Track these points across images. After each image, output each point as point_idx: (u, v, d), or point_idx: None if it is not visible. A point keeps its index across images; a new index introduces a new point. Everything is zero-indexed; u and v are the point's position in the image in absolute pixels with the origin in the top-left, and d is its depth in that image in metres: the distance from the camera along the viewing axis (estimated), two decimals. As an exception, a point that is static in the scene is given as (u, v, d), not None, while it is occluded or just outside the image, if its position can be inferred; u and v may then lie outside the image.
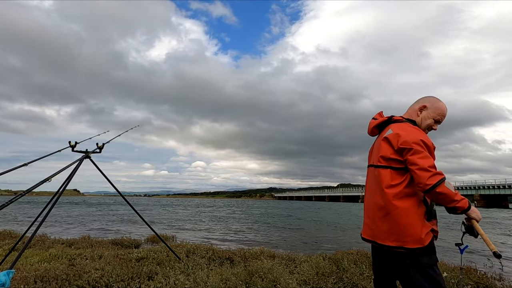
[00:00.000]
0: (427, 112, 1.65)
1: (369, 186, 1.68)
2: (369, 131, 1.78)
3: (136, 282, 2.99)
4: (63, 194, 2.97)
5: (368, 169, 1.73)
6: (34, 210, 19.47)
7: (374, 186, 1.60)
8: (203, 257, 4.23)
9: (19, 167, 2.41)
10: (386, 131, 1.61)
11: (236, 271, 3.36)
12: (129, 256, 4.03)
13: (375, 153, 1.65)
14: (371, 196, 1.62)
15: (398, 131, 1.53)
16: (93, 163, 3.28)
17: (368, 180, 1.70)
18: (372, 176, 1.63)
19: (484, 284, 3.26)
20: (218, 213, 21.76)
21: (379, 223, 1.53)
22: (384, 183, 1.51)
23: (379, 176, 1.55)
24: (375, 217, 1.56)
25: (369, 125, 1.76)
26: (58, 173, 2.61)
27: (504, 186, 53.35)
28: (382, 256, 1.65)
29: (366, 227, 1.66)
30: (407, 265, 1.45)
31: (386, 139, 1.55)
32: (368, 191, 1.69)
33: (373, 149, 1.72)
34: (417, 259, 1.44)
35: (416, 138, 1.46)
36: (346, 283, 3.18)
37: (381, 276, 1.70)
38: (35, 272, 3.08)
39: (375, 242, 1.57)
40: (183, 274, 3.29)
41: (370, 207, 1.61)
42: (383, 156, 1.54)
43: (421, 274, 1.43)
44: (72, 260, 4.01)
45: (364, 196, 1.79)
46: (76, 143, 3.18)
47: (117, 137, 3.85)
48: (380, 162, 1.56)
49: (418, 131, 1.53)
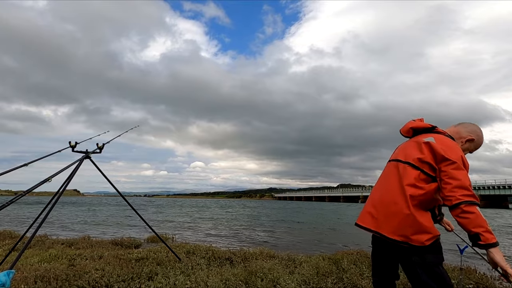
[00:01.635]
0: (470, 145, 1.70)
1: (385, 179, 1.67)
2: (404, 130, 1.78)
3: (136, 282, 2.99)
4: (63, 195, 2.97)
5: (389, 163, 1.72)
6: (34, 210, 19.47)
7: (394, 180, 1.59)
8: (203, 257, 4.23)
9: (19, 167, 2.41)
10: (425, 136, 1.62)
11: (236, 271, 3.37)
12: (129, 256, 4.03)
13: (407, 151, 1.64)
14: (384, 189, 1.62)
15: (442, 142, 1.54)
16: (93, 163, 3.28)
17: (387, 173, 1.69)
18: (394, 171, 1.62)
19: (484, 284, 3.27)
20: (218, 213, 21.76)
21: (388, 216, 1.52)
22: (407, 180, 1.51)
23: (404, 173, 1.55)
24: (385, 209, 1.55)
25: (407, 125, 1.77)
26: (58, 173, 2.62)
27: (504, 186, 53.38)
28: (383, 246, 1.66)
29: (368, 216, 1.64)
30: (413, 263, 1.46)
31: (428, 144, 1.54)
32: (382, 184, 1.68)
33: (404, 147, 1.71)
34: (423, 257, 1.45)
35: (459, 155, 1.48)
36: (346, 283, 3.18)
37: (380, 266, 1.71)
38: (35, 272, 3.08)
39: (378, 233, 1.55)
40: (183, 274, 3.29)
41: (381, 199, 1.60)
42: (419, 158, 1.53)
43: (427, 272, 1.44)
44: (72, 260, 4.01)
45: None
46: (76, 143, 3.18)
47: (117, 137, 3.85)
48: (412, 161, 1.56)
49: (460, 149, 1.55)
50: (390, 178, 1.63)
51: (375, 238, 1.72)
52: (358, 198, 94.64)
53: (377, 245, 1.71)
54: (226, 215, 20.37)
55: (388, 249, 1.63)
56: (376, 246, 1.72)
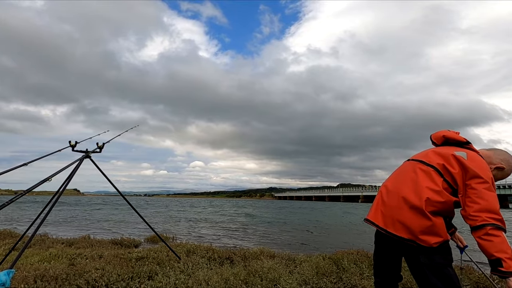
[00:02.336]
0: (497, 173, 1.63)
1: (400, 177, 1.63)
2: (436, 137, 1.73)
3: (136, 282, 2.99)
4: (63, 194, 2.97)
5: (408, 162, 1.69)
6: (34, 209, 19.48)
7: (411, 179, 1.54)
8: (203, 256, 4.23)
9: (19, 167, 2.41)
10: (456, 149, 1.56)
11: (236, 271, 3.37)
12: (129, 256, 4.03)
13: (433, 156, 1.59)
14: (399, 187, 1.56)
15: (475, 159, 1.49)
16: (93, 162, 3.28)
17: (404, 171, 1.65)
18: (414, 170, 1.58)
19: (484, 284, 3.27)
20: (218, 213, 21.76)
21: (399, 213, 1.47)
22: (428, 183, 1.47)
23: (426, 175, 1.51)
24: (397, 207, 1.50)
25: (440, 132, 1.72)
26: (58, 173, 2.61)
27: (504, 186, 53.43)
28: (388, 245, 1.61)
29: (378, 213, 1.58)
30: (421, 264, 1.43)
31: (459, 158, 1.49)
32: (397, 181, 1.63)
33: (430, 152, 1.66)
34: (431, 258, 1.42)
35: (491, 176, 1.44)
36: (346, 283, 3.18)
37: (383, 266, 1.67)
38: (35, 271, 3.08)
39: (385, 230, 1.50)
40: (183, 273, 3.29)
41: (395, 196, 1.55)
42: (447, 167, 1.49)
43: (435, 274, 1.41)
44: (72, 260, 4.01)
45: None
46: (76, 142, 3.18)
47: (117, 136, 3.85)
48: (437, 165, 1.51)
49: (490, 171, 1.50)
50: (406, 177, 1.58)
51: (379, 237, 1.67)
52: (358, 197, 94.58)
53: (382, 244, 1.67)
54: (226, 214, 20.38)
55: (394, 248, 1.59)
56: (380, 245, 1.68)
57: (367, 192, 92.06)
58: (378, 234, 1.68)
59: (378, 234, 1.68)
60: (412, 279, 3.18)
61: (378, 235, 1.68)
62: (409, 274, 3.20)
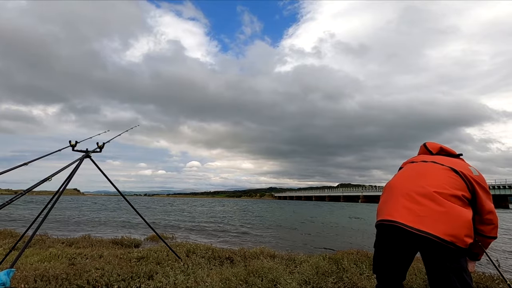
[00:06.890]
0: None
1: (415, 174, 1.63)
2: (433, 147, 1.85)
3: (136, 282, 2.99)
4: (63, 194, 2.97)
5: (422, 163, 1.72)
6: (34, 209, 19.48)
7: (439, 178, 1.54)
8: (203, 256, 4.23)
9: (19, 167, 2.41)
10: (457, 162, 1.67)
11: (236, 271, 3.36)
12: (129, 256, 4.03)
13: (457, 163, 1.65)
14: (427, 185, 1.50)
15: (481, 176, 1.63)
16: (93, 162, 3.28)
17: (423, 170, 1.64)
18: (437, 170, 1.59)
19: (484, 284, 3.26)
20: (218, 213, 21.76)
21: (439, 213, 1.38)
22: (446, 183, 1.51)
23: (444, 173, 1.56)
24: (433, 206, 1.41)
25: (437, 144, 1.86)
26: (58, 173, 2.61)
27: (504, 186, 53.46)
28: (403, 245, 1.48)
29: (404, 211, 1.44)
30: (447, 268, 1.38)
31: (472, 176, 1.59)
32: (408, 178, 1.62)
33: (446, 159, 1.72)
34: (458, 261, 1.39)
35: None
36: (346, 283, 3.18)
37: (390, 268, 1.54)
38: (35, 271, 3.08)
39: (420, 231, 1.36)
40: (183, 273, 3.29)
41: (426, 195, 1.45)
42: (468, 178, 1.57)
43: (458, 278, 1.38)
44: (72, 260, 4.00)
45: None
46: (77, 142, 3.18)
47: (117, 136, 3.85)
48: (461, 173, 1.57)
49: None
50: (433, 175, 1.56)
51: (389, 237, 1.51)
52: (358, 197, 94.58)
53: (392, 245, 1.51)
54: (226, 214, 20.37)
55: (410, 250, 1.49)
56: (390, 246, 1.52)
57: (367, 192, 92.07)
58: (387, 235, 1.52)
59: (387, 235, 1.52)
60: (412, 279, 3.17)
61: (388, 236, 1.52)
62: (409, 274, 3.19)
